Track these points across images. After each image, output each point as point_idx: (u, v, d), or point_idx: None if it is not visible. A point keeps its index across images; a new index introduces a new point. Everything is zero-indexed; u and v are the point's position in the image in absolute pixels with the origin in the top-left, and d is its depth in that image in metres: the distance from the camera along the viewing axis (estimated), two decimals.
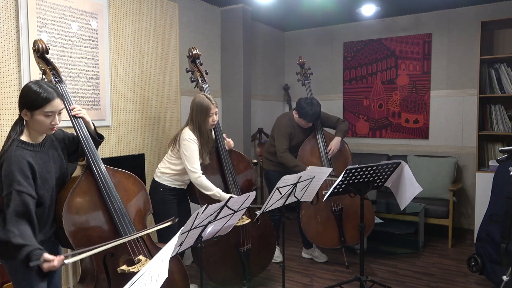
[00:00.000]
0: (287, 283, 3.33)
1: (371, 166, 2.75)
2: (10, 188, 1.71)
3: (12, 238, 1.67)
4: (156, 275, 1.28)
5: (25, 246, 1.67)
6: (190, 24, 4.21)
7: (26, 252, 1.66)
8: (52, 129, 1.87)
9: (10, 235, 1.67)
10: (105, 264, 2.06)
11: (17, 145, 1.79)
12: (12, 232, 1.67)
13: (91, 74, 3.04)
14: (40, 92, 1.80)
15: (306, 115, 3.52)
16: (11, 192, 1.71)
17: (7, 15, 2.53)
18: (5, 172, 1.73)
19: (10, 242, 1.67)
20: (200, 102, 2.88)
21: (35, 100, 1.79)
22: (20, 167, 1.74)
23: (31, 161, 1.79)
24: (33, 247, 1.68)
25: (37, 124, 1.83)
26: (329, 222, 3.65)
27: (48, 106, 1.80)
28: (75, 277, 2.99)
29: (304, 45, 5.74)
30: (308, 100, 3.56)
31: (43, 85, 1.83)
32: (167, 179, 2.93)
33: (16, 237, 1.67)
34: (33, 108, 1.80)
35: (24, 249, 1.66)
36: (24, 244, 1.67)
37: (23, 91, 1.83)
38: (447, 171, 4.48)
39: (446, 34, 4.80)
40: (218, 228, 2.22)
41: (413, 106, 5.02)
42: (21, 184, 1.72)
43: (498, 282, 2.89)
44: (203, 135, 2.88)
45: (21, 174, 1.73)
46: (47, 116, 1.81)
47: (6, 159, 1.75)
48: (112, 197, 2.10)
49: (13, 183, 1.71)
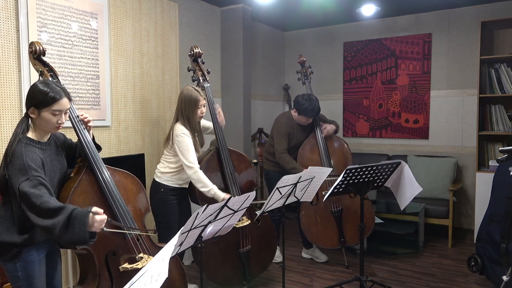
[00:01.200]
0: (287, 283, 3.33)
1: (371, 166, 2.75)
2: (27, 175, 1.72)
3: (50, 204, 1.68)
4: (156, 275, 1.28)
5: (65, 207, 1.69)
6: (190, 24, 4.21)
7: (70, 210, 1.68)
8: (58, 128, 1.89)
9: (48, 204, 1.67)
10: (107, 263, 2.06)
11: (26, 142, 1.82)
12: (47, 202, 1.68)
13: (91, 74, 3.04)
14: (48, 91, 1.83)
15: (306, 111, 3.51)
16: (29, 179, 1.71)
17: (7, 15, 2.53)
18: (19, 166, 1.74)
19: (50, 209, 1.67)
20: (189, 94, 2.86)
21: (43, 99, 1.82)
22: (34, 159, 1.77)
23: (41, 157, 1.83)
24: (74, 206, 1.71)
25: (44, 122, 1.85)
26: (329, 222, 3.65)
27: (55, 105, 1.83)
28: (75, 277, 2.99)
29: (304, 45, 5.74)
30: (305, 96, 3.56)
31: (51, 84, 1.87)
32: (169, 179, 2.92)
33: (54, 202, 1.70)
34: (41, 106, 1.82)
35: (66, 208, 1.68)
36: (63, 206, 1.70)
37: (31, 90, 1.86)
38: (447, 171, 4.48)
39: (446, 34, 4.80)
40: (218, 228, 2.23)
41: (413, 106, 5.02)
42: (38, 172, 1.75)
43: (498, 282, 2.89)
44: (194, 127, 2.88)
45: (36, 165, 1.76)
46: (54, 114, 1.84)
47: (17, 155, 1.76)
48: (114, 195, 2.11)
49: (30, 171, 1.73)
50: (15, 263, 1.83)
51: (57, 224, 1.66)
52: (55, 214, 1.67)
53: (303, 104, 3.50)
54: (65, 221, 1.66)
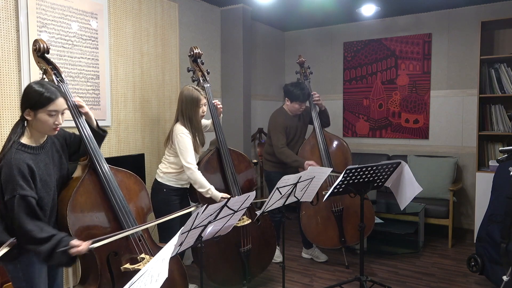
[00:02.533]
0: (287, 283, 3.33)
1: (371, 166, 2.75)
2: (13, 192, 1.72)
3: (36, 235, 1.73)
4: (156, 275, 1.28)
5: (52, 237, 1.74)
6: (190, 24, 4.21)
7: (55, 241, 1.74)
8: (55, 129, 1.87)
9: (33, 234, 1.73)
10: (108, 263, 2.06)
11: (16, 148, 1.78)
12: (33, 231, 1.73)
13: (91, 74, 3.04)
14: (43, 91, 1.80)
15: (298, 97, 3.54)
16: (15, 196, 1.72)
17: (7, 15, 2.53)
18: (6, 177, 1.73)
19: (35, 239, 1.72)
20: (190, 94, 2.87)
21: (39, 100, 1.79)
22: (21, 170, 1.74)
23: (31, 164, 1.78)
24: (60, 236, 1.77)
25: (40, 124, 1.82)
26: (329, 222, 3.65)
27: (51, 105, 1.80)
28: (75, 277, 2.99)
29: (304, 45, 5.74)
30: (294, 83, 3.64)
31: (45, 85, 1.84)
32: (171, 179, 2.92)
33: (39, 233, 1.74)
34: (36, 107, 1.79)
35: (52, 239, 1.74)
36: (50, 235, 1.74)
37: (26, 91, 1.83)
38: (447, 171, 4.48)
39: (446, 34, 4.80)
40: (218, 228, 2.23)
41: (413, 106, 5.02)
42: (24, 188, 1.73)
43: (498, 282, 2.89)
44: (195, 126, 2.88)
45: (22, 178, 1.74)
46: (51, 115, 1.81)
47: (6, 163, 1.75)
48: (116, 195, 2.11)
49: (16, 187, 1.72)
50: (15, 264, 1.83)
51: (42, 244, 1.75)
52: (43, 241, 1.74)
53: (292, 91, 3.56)
54: (50, 246, 1.74)
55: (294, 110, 3.63)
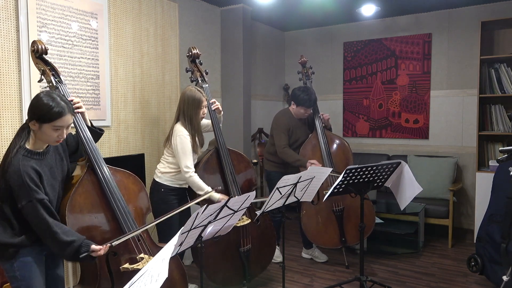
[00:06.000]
0: (287, 283, 3.33)
1: (371, 166, 2.75)
2: (29, 197, 1.75)
3: (60, 237, 1.78)
4: (156, 275, 1.28)
5: (74, 242, 1.80)
6: (190, 24, 4.20)
7: (77, 245, 1.79)
8: (57, 142, 1.88)
9: (58, 236, 1.78)
10: (107, 263, 2.06)
11: (23, 154, 1.79)
12: (56, 233, 1.77)
13: (91, 74, 3.04)
14: (53, 106, 1.78)
15: (305, 102, 3.54)
16: (32, 201, 1.74)
17: (7, 15, 2.53)
18: (18, 184, 1.74)
19: (59, 241, 1.78)
20: (192, 95, 2.87)
21: (47, 114, 1.78)
22: (31, 176, 1.76)
23: (38, 170, 1.81)
24: (81, 240, 1.82)
25: (44, 136, 1.83)
26: (330, 222, 3.65)
27: (58, 121, 1.80)
28: (75, 277, 2.99)
29: (304, 45, 5.74)
30: (301, 88, 3.63)
31: (56, 98, 1.82)
32: (169, 179, 2.92)
33: (62, 235, 1.78)
34: (43, 120, 1.79)
35: (73, 244, 1.79)
36: (72, 240, 1.80)
37: (35, 102, 1.81)
38: (447, 171, 4.48)
39: (446, 34, 4.80)
40: (218, 228, 2.23)
41: (413, 106, 5.02)
42: (38, 193, 1.77)
43: (498, 282, 2.89)
44: (195, 127, 2.88)
45: (34, 184, 1.77)
46: (56, 130, 1.81)
47: (14, 170, 1.75)
48: (115, 195, 2.11)
49: (31, 193, 1.75)
50: (12, 264, 1.83)
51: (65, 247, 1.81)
52: (66, 245, 1.80)
53: (299, 95, 3.55)
54: (71, 250, 1.81)
55: (299, 114, 3.64)
